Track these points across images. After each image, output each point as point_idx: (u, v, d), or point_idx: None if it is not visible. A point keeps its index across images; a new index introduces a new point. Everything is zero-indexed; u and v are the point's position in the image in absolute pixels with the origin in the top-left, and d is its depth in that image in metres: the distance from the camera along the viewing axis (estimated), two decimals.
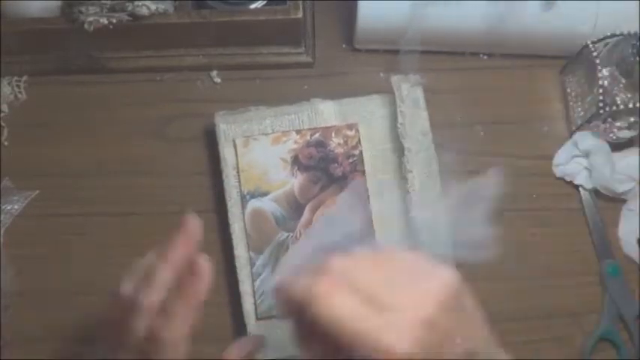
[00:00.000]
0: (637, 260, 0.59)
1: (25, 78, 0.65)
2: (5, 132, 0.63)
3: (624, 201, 0.60)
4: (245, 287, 0.55)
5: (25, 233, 0.60)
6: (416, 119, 0.57)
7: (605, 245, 0.59)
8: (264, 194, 0.56)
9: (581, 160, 0.60)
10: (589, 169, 0.60)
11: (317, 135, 0.57)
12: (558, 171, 0.61)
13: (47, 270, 0.59)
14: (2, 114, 0.63)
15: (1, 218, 0.60)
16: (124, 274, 0.43)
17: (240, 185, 0.56)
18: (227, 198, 0.56)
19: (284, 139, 0.57)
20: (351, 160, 0.57)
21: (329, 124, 0.58)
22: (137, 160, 0.62)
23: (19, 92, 0.64)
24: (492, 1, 0.59)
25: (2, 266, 0.59)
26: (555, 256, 0.59)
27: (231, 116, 0.58)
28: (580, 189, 0.61)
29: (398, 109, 0.57)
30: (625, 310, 0.57)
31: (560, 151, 0.61)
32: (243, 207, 0.55)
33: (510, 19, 0.59)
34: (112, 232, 0.60)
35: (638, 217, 0.59)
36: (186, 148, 0.62)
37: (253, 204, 0.56)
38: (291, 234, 0.55)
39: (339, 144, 0.57)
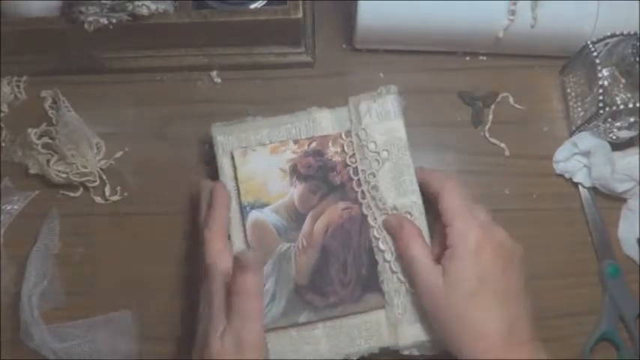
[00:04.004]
0: (637, 260, 0.59)
1: (25, 78, 0.65)
2: (5, 132, 0.63)
3: (624, 201, 0.60)
4: None
5: (25, 233, 0.60)
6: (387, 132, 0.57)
7: (605, 245, 0.59)
8: (264, 205, 0.55)
9: (580, 157, 0.60)
10: (589, 167, 0.60)
11: (314, 144, 0.56)
12: (558, 167, 0.61)
13: None
14: (2, 114, 0.64)
15: (1, 218, 0.60)
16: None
17: (239, 197, 0.55)
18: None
19: (282, 149, 0.56)
20: (348, 169, 0.57)
21: (325, 133, 0.57)
22: (137, 160, 0.62)
23: (19, 92, 0.64)
24: (492, 1, 0.59)
25: (2, 266, 0.59)
26: (555, 256, 0.59)
27: (227, 127, 0.57)
28: (580, 187, 0.61)
29: (353, 132, 0.56)
30: (625, 310, 0.57)
31: (559, 150, 0.61)
32: (244, 218, 0.55)
33: (510, 20, 0.59)
34: (110, 232, 0.60)
35: (638, 217, 0.59)
36: (186, 148, 0.62)
37: (254, 215, 0.55)
38: (294, 244, 0.54)
39: (336, 152, 0.57)
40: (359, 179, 0.56)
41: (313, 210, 0.55)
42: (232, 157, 0.56)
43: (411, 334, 0.53)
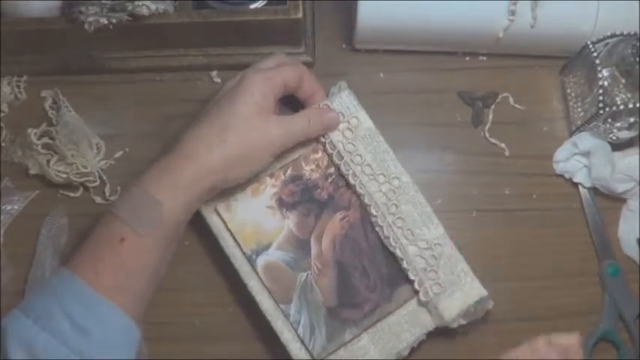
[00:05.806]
0: (637, 260, 0.59)
1: (25, 78, 0.65)
2: (5, 132, 0.63)
3: (624, 201, 0.60)
4: (287, 336, 0.53)
5: (25, 233, 0.60)
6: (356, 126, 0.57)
7: (605, 245, 0.59)
8: (268, 246, 0.55)
9: (581, 158, 0.60)
10: (589, 167, 0.60)
11: (289, 170, 0.56)
12: (558, 167, 0.61)
13: None
14: (2, 114, 0.63)
15: (1, 218, 0.60)
16: None
17: (241, 248, 0.55)
18: (232, 261, 0.55)
19: (261, 188, 0.56)
20: (330, 180, 0.57)
21: (296, 155, 0.57)
22: (136, 160, 0.62)
23: (19, 92, 0.64)
24: (492, 1, 0.59)
25: (2, 266, 0.59)
26: (555, 256, 0.59)
27: None
28: (580, 187, 0.61)
29: (326, 140, 0.57)
30: (625, 310, 0.57)
31: (559, 150, 0.61)
32: (253, 266, 0.54)
33: (510, 20, 0.59)
34: None
35: (638, 217, 0.59)
36: None
37: (262, 260, 0.54)
38: (309, 272, 0.55)
39: (312, 170, 0.57)
40: (353, 172, 0.56)
41: (314, 232, 0.55)
42: (218, 214, 0.55)
43: (455, 305, 0.53)
